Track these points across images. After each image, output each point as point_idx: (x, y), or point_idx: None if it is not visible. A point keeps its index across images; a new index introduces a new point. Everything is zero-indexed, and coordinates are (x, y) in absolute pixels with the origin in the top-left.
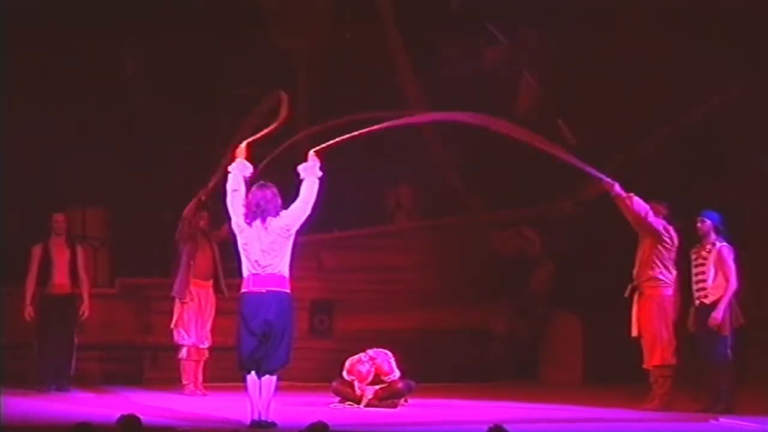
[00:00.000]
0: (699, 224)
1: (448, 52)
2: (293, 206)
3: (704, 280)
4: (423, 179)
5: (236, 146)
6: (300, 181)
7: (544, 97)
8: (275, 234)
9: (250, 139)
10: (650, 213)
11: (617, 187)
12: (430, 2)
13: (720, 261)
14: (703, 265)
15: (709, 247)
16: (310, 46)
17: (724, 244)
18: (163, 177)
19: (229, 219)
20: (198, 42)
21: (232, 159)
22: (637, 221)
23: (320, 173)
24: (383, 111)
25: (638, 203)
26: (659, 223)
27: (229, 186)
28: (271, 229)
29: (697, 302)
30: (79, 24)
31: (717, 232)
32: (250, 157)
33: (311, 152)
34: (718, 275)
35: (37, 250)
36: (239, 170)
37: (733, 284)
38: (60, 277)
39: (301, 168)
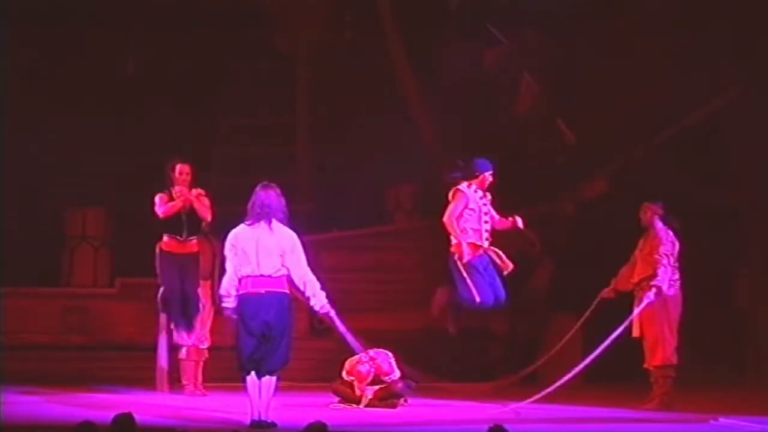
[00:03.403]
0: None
1: (448, 52)
2: (299, 257)
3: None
4: (423, 179)
5: None
6: None
7: (544, 98)
8: (278, 237)
9: None
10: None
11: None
12: (429, 2)
13: None
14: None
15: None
16: (310, 46)
17: None
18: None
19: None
20: (198, 42)
21: None
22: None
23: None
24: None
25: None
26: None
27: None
28: (276, 232)
29: (486, 243)
30: (80, 24)
31: None
32: None
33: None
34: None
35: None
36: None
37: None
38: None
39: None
